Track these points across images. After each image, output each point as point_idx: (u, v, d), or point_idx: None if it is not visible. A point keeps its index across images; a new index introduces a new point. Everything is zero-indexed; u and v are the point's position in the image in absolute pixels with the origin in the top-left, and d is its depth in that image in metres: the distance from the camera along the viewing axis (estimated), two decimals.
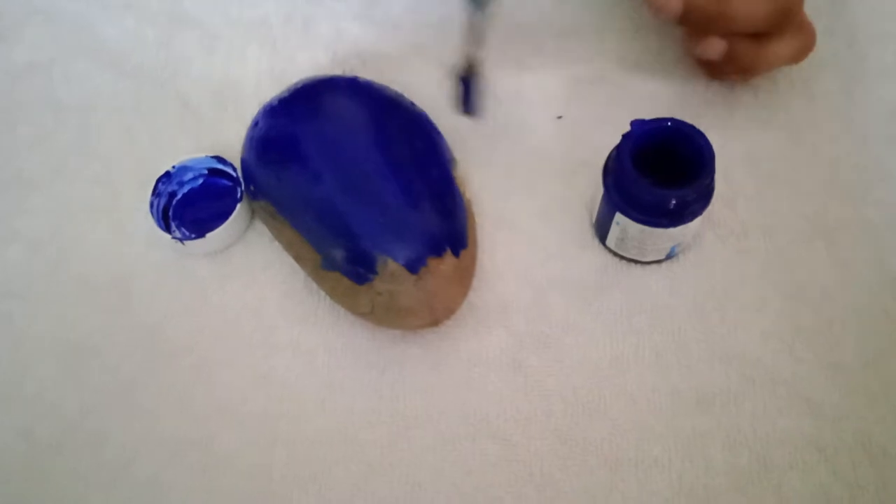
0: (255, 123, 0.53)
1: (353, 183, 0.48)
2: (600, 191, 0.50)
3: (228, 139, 0.57)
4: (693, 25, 0.52)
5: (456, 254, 0.48)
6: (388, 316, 0.48)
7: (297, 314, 0.52)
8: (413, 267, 0.46)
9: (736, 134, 0.56)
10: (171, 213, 0.55)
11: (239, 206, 0.53)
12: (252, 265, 0.54)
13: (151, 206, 0.54)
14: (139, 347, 0.52)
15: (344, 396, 0.50)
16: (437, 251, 0.47)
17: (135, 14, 0.65)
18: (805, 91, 0.57)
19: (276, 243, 0.53)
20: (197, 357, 0.51)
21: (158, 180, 0.55)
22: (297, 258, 0.50)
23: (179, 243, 0.52)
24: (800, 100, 0.57)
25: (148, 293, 0.53)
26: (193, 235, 0.53)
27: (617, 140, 0.48)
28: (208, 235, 0.52)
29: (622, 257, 0.52)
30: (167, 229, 0.54)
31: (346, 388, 0.50)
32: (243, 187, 0.53)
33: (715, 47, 0.51)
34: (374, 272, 0.46)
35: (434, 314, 0.48)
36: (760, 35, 0.51)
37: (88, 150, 0.59)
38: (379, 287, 0.47)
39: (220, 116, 0.59)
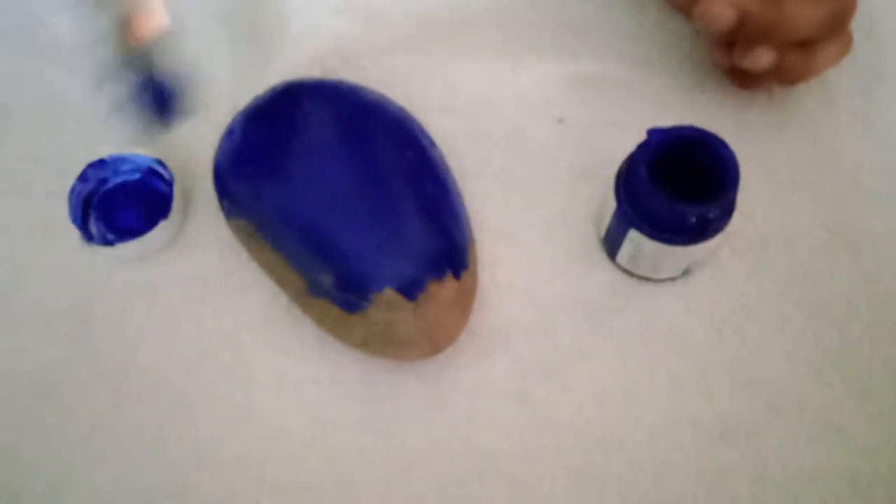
0: (230, 132, 0.48)
1: (340, 200, 0.44)
2: (607, 201, 0.46)
3: (195, 145, 0.51)
4: (744, 36, 0.46)
5: (457, 276, 0.43)
6: (383, 347, 0.43)
7: (279, 343, 0.47)
8: (411, 293, 0.42)
9: (750, 137, 0.52)
10: (93, 202, 0.49)
11: (166, 221, 0.48)
12: (228, 288, 0.49)
13: (72, 191, 0.48)
14: (103, 383, 0.47)
15: (335, 435, 0.45)
16: (438, 274, 0.43)
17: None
18: (822, 91, 0.53)
19: (254, 263, 0.48)
20: (169, 393, 0.46)
21: (88, 165, 0.49)
22: (280, 282, 0.46)
23: (85, 244, 0.47)
24: (817, 100, 0.53)
25: (112, 321, 0.48)
26: (111, 237, 0.47)
27: (622, 145, 0.43)
28: (118, 245, 0.47)
29: (633, 275, 0.48)
30: (83, 221, 0.48)
31: (338, 426, 0.45)
32: (220, 201, 0.48)
33: (764, 58, 0.46)
34: (368, 300, 0.42)
35: (435, 344, 0.44)
36: (808, 42, 0.46)
37: (42, 160, 0.53)
38: (373, 316, 0.42)
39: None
